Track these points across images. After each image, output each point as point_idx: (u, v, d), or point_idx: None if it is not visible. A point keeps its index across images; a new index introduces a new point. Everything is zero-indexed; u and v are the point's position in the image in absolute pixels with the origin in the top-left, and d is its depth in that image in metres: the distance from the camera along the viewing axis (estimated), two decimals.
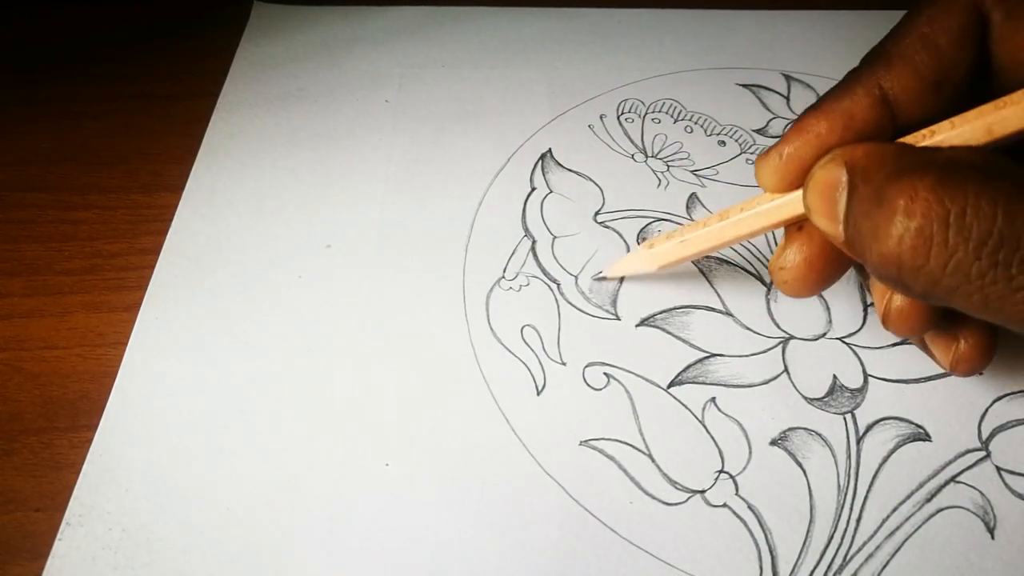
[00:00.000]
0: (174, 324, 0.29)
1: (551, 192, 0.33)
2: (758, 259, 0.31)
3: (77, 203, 0.33)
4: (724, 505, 0.25)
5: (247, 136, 0.35)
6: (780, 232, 0.25)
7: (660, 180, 0.34)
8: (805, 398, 0.27)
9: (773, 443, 0.26)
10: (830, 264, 0.23)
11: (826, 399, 0.27)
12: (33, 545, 0.24)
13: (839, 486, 0.25)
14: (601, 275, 0.30)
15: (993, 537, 0.24)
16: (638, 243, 0.31)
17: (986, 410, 0.27)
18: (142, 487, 0.25)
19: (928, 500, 0.25)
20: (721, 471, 0.25)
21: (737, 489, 0.25)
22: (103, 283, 0.30)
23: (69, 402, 0.27)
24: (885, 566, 0.24)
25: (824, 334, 0.29)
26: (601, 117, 0.36)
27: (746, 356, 0.28)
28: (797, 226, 0.24)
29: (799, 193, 0.22)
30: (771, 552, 0.24)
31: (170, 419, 0.26)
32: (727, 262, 0.31)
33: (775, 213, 0.24)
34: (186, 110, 0.36)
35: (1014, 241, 0.17)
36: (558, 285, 0.30)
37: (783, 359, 0.28)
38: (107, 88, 0.38)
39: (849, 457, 0.26)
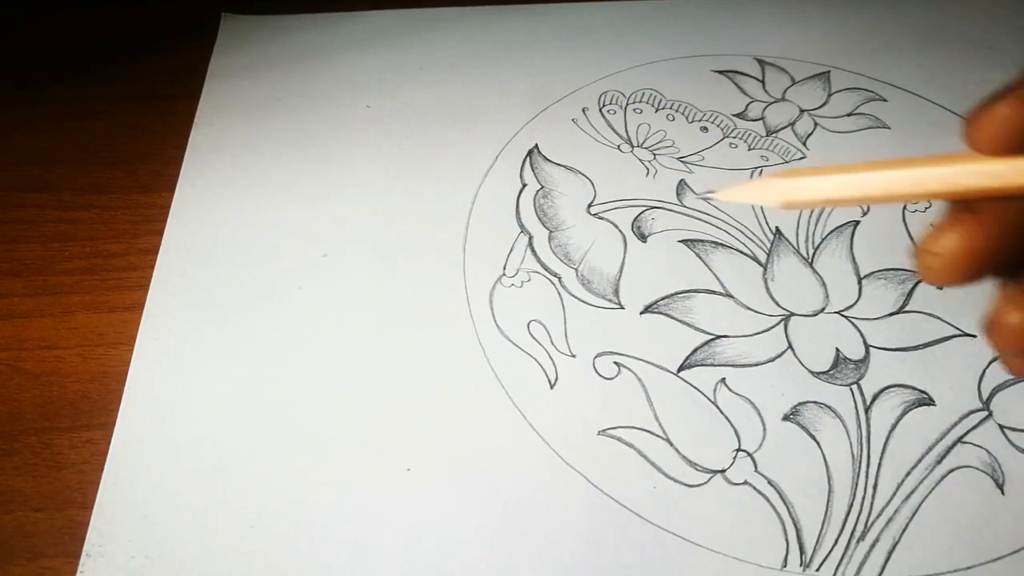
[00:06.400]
0: (176, 350, 0.28)
1: (542, 187, 0.33)
2: (751, 239, 0.31)
3: (77, 203, 0.33)
4: (745, 483, 0.25)
5: (229, 151, 0.35)
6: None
7: (648, 169, 0.34)
8: (811, 372, 0.28)
9: (785, 418, 0.27)
10: (993, 259, 0.19)
11: (831, 372, 0.28)
12: (33, 545, 0.24)
13: (853, 455, 0.26)
14: (710, 192, 0.24)
15: (1003, 493, 0.25)
16: (632, 232, 0.32)
17: (983, 371, 0.28)
18: (160, 512, 0.24)
19: (939, 462, 0.26)
20: (738, 449, 0.26)
21: (756, 466, 0.25)
22: (103, 283, 0.30)
23: (69, 402, 0.27)
24: (904, 529, 0.24)
25: (823, 309, 0.29)
26: (583, 110, 0.37)
27: (750, 335, 0.29)
28: (966, 206, 0.19)
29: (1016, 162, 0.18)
30: (795, 524, 0.24)
31: (182, 442, 0.26)
32: (722, 245, 0.31)
33: (974, 176, 0.19)
34: (187, 110, 0.36)
35: None
36: (559, 278, 0.30)
37: (786, 336, 0.29)
38: (107, 89, 0.38)
39: (859, 427, 0.26)
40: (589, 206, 0.33)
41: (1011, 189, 0.18)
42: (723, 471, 0.25)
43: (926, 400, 0.27)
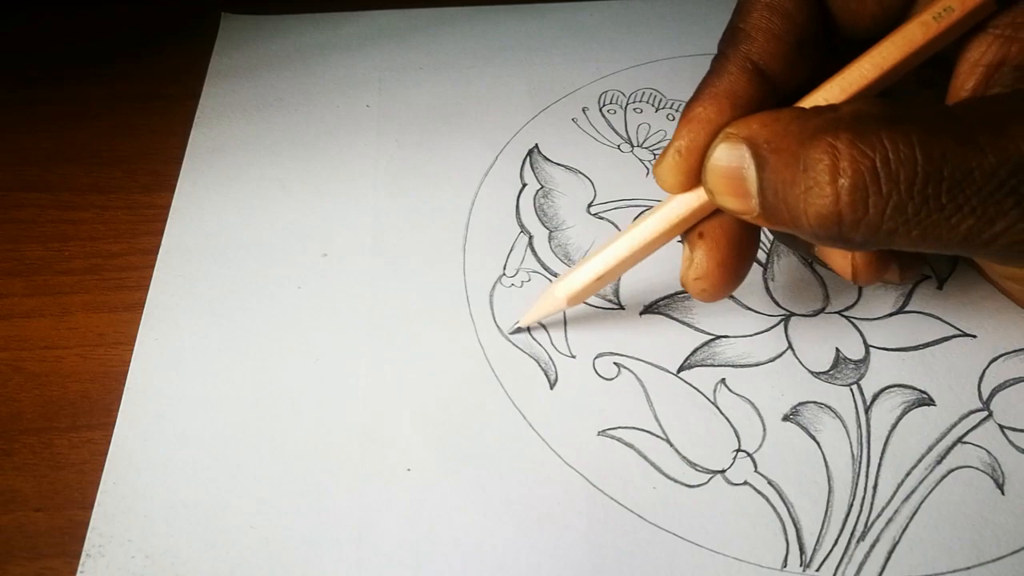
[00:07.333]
0: (176, 350, 0.28)
1: (542, 187, 0.33)
2: None
3: (77, 203, 0.33)
4: (745, 483, 0.25)
5: (229, 150, 0.35)
6: None
7: (648, 169, 0.34)
8: (811, 372, 0.28)
9: (785, 419, 0.27)
10: (741, 258, 0.24)
11: (831, 372, 0.28)
12: (33, 545, 0.24)
13: (853, 455, 0.26)
14: (517, 326, 0.28)
15: (1003, 493, 0.25)
16: None
17: (983, 371, 0.28)
18: (161, 512, 0.24)
19: (939, 462, 0.26)
20: (738, 450, 0.26)
21: (756, 466, 0.25)
22: (103, 283, 0.30)
23: (69, 402, 0.27)
24: (905, 529, 0.24)
25: (823, 309, 0.29)
26: (584, 110, 0.37)
27: (750, 336, 0.29)
28: (698, 233, 0.23)
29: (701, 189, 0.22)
30: (795, 525, 0.24)
31: (182, 442, 0.26)
32: None
33: (680, 212, 0.23)
34: (186, 110, 0.36)
35: (937, 175, 0.18)
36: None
37: (786, 336, 0.29)
38: (107, 88, 0.38)
39: (860, 427, 0.26)
40: (589, 206, 0.33)
41: (700, 212, 0.23)
42: (723, 471, 0.25)
43: (926, 400, 0.27)
